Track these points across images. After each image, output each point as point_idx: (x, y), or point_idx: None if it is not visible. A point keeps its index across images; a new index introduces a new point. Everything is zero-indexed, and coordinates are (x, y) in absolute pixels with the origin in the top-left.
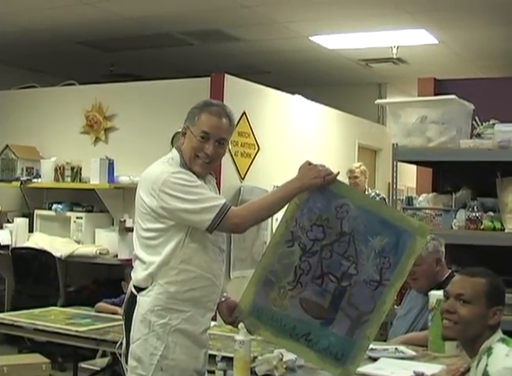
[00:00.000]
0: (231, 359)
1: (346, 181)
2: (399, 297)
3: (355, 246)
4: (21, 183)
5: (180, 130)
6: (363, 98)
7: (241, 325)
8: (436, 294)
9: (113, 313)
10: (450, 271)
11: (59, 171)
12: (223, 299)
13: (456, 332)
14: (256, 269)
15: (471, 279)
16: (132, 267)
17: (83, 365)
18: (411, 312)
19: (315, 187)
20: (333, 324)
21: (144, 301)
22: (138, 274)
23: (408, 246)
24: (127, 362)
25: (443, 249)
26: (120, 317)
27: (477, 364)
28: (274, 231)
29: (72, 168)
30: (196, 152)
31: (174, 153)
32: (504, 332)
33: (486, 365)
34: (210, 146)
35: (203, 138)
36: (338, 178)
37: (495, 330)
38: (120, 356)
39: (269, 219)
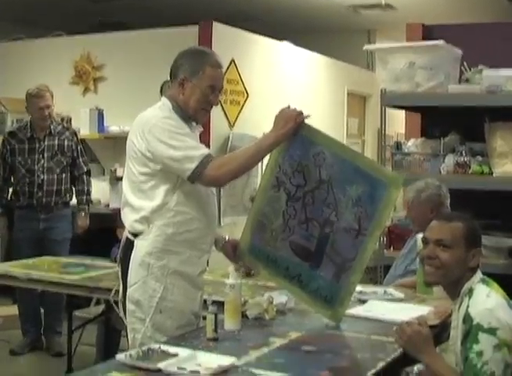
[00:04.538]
0: (222, 303)
1: None
2: (402, 242)
3: (334, 194)
4: None
5: (169, 78)
6: (352, 44)
7: (231, 268)
8: None
9: None
10: None
11: None
12: (225, 241)
13: (439, 277)
14: (249, 212)
15: (449, 224)
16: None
17: (77, 313)
18: (411, 253)
19: (290, 132)
20: (321, 268)
21: (142, 245)
22: (131, 220)
23: (383, 196)
24: (124, 309)
25: (442, 199)
26: (114, 264)
27: (459, 306)
28: (262, 176)
29: (62, 119)
30: (203, 105)
31: (165, 100)
32: (485, 275)
33: (467, 306)
34: (216, 98)
35: (211, 91)
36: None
37: (475, 272)
38: (115, 303)
39: (259, 166)
